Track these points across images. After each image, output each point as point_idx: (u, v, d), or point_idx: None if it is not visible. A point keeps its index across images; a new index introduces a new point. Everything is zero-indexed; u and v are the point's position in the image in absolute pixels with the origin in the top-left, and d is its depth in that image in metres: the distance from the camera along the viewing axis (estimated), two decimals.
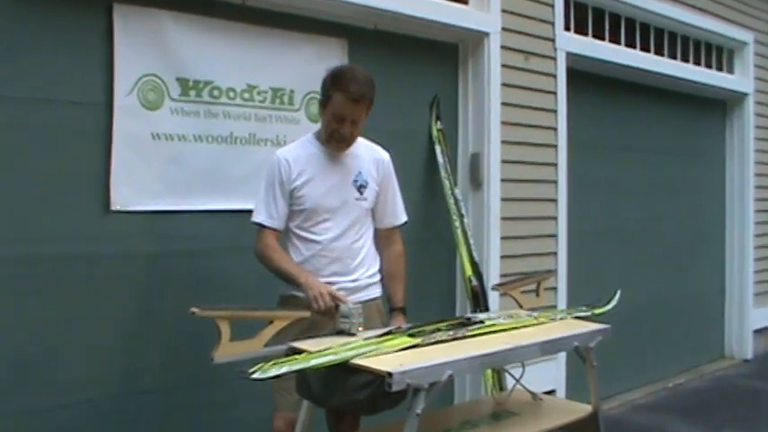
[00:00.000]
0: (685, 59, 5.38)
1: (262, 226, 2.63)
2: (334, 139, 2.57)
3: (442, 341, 2.38)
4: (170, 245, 3.01)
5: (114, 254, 2.87)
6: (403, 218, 2.79)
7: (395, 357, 2.18)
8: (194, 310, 2.16)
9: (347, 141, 2.59)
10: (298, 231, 2.63)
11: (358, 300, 2.56)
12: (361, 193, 2.64)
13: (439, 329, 2.44)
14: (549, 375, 4.24)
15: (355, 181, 2.64)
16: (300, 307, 2.48)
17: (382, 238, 2.76)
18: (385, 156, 2.74)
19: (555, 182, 4.40)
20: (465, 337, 2.45)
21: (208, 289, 3.04)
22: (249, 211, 3.01)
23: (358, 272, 2.64)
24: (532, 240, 4.25)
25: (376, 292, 2.71)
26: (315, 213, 2.60)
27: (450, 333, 2.43)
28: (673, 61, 5.23)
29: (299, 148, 2.66)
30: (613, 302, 3.02)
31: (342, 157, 2.63)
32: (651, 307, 5.23)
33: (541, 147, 4.32)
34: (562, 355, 4.30)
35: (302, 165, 2.60)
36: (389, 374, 1.98)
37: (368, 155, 2.69)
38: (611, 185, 4.98)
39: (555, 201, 4.40)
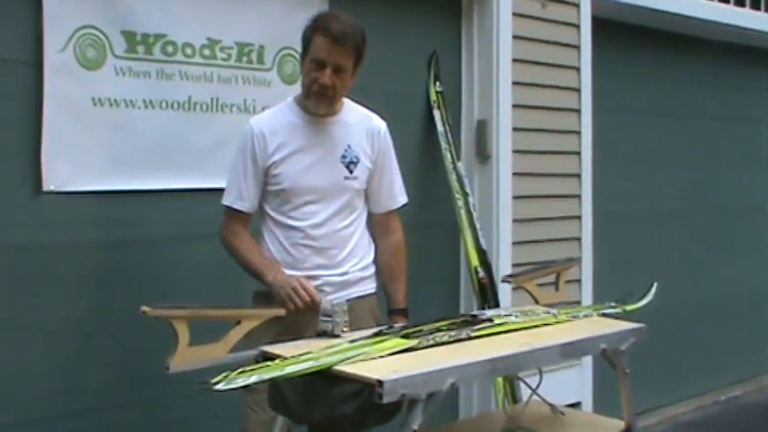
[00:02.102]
0: (735, 2, 5.33)
1: (228, 209, 2.63)
2: (314, 93, 2.55)
3: (442, 343, 2.38)
4: (117, 232, 3.00)
5: (47, 244, 2.86)
6: (401, 199, 2.79)
7: (386, 363, 2.18)
8: (145, 309, 2.15)
9: (330, 96, 2.57)
10: (275, 216, 2.62)
11: (349, 297, 2.57)
12: (351, 172, 2.63)
13: (439, 329, 2.45)
14: (572, 385, 4.27)
15: (344, 157, 2.63)
16: (278, 304, 2.49)
17: (377, 225, 2.76)
18: (381, 125, 2.73)
19: (577, 153, 4.41)
20: (470, 339, 2.46)
21: (164, 285, 3.04)
22: (213, 191, 3.01)
23: (347, 264, 2.64)
24: (551, 223, 4.26)
25: (369, 287, 2.72)
26: (294, 195, 2.59)
27: (453, 334, 2.44)
28: (719, 4, 5.18)
29: (276, 117, 2.65)
30: (649, 297, 3.03)
31: (327, 126, 2.62)
32: (697, 303, 5.26)
33: (561, 111, 4.32)
34: (588, 361, 4.33)
35: (281, 137, 2.59)
36: (380, 383, 1.98)
37: (360, 124, 2.68)
38: (645, 157, 5.00)
39: (578, 176, 4.42)
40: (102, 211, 2.97)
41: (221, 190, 2.71)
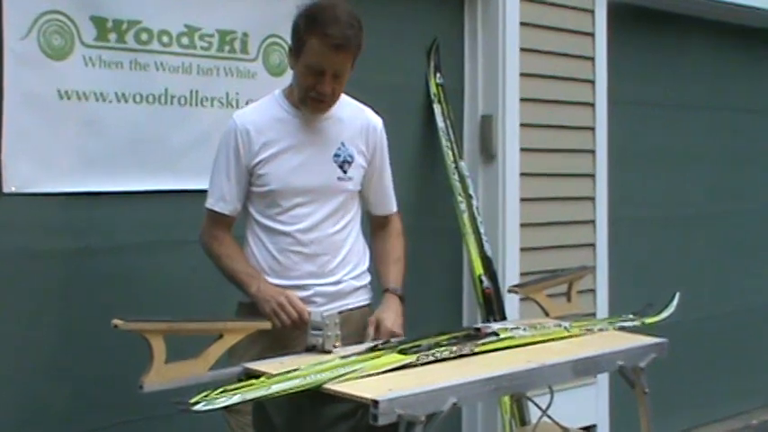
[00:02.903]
0: None
1: (209, 211, 2.64)
2: (311, 99, 2.56)
3: (443, 359, 2.39)
4: (85, 239, 3.01)
5: (6, 251, 2.86)
6: (395, 205, 2.82)
7: (382, 381, 2.19)
8: (117, 322, 2.16)
9: (328, 102, 2.59)
10: (261, 219, 2.63)
11: (342, 308, 2.58)
12: (345, 171, 2.64)
13: (440, 344, 2.46)
14: (586, 406, 4.29)
15: (337, 155, 2.64)
16: (264, 317, 2.50)
17: (374, 226, 2.79)
18: (377, 121, 2.74)
19: (592, 152, 4.43)
20: (474, 354, 2.47)
21: (138, 296, 3.05)
22: (191, 193, 3.02)
23: (340, 272, 2.65)
24: (562, 228, 4.28)
25: (363, 298, 2.72)
26: (282, 197, 2.60)
27: (455, 349, 2.45)
28: None
29: (262, 111, 2.65)
30: (670, 309, 3.05)
31: (319, 122, 2.63)
32: (724, 316, 5.25)
33: (574, 105, 4.34)
34: (604, 380, 4.35)
35: (267, 133, 2.60)
36: (375, 403, 1.99)
37: (354, 119, 2.69)
38: (666, 156, 5.01)
39: (592, 176, 4.44)
40: (69, 215, 2.98)
41: (201, 192, 2.72)
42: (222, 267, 2.61)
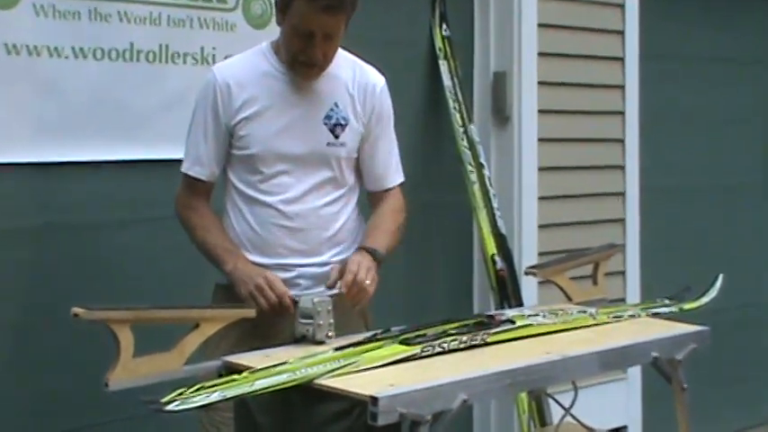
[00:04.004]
0: None
1: (184, 176, 2.65)
2: (300, 64, 2.57)
3: (452, 351, 2.40)
4: (41, 216, 3.01)
5: None
6: (397, 178, 2.80)
7: (382, 375, 2.19)
8: (78, 311, 2.15)
9: (320, 66, 2.59)
10: (241, 187, 2.64)
11: (330, 293, 2.56)
12: (336, 136, 2.64)
13: (447, 333, 2.46)
14: (616, 404, 4.30)
15: (328, 117, 2.64)
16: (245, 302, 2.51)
17: (373, 204, 2.78)
18: (378, 80, 2.73)
19: (621, 113, 4.42)
20: (486, 345, 2.47)
21: (104, 281, 3.05)
22: (162, 163, 3.01)
23: (329, 252, 2.65)
24: (587, 201, 4.28)
25: None
26: (264, 163, 2.60)
27: (465, 339, 2.45)
28: None
29: (245, 65, 2.66)
30: (712, 293, 3.05)
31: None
32: None
33: (600, 61, 4.33)
34: (635, 374, 4.36)
35: (250, 89, 2.60)
36: (373, 400, 1.99)
37: (351, 78, 2.68)
38: (708, 117, 4.99)
39: (620, 142, 4.43)
40: (22, 190, 2.98)
41: (174, 162, 2.72)
42: (197, 241, 2.63)
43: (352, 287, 2.48)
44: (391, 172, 2.77)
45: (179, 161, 2.69)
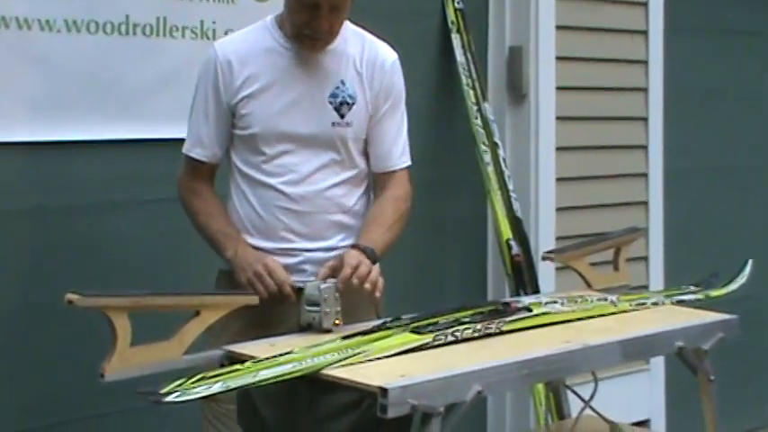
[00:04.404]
0: None
1: (186, 158, 2.67)
2: (305, 37, 2.57)
3: (465, 339, 2.40)
4: (34, 198, 3.01)
5: None
6: (404, 160, 2.78)
7: (392, 365, 2.19)
8: (72, 297, 2.16)
9: (325, 39, 2.59)
10: (244, 169, 2.64)
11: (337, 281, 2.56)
12: (342, 116, 2.64)
13: (460, 321, 2.46)
14: (638, 396, 4.31)
15: (334, 96, 2.64)
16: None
17: (377, 188, 2.77)
18: (388, 56, 2.73)
19: (644, 90, 4.41)
20: (501, 334, 2.48)
21: (98, 266, 3.05)
22: (160, 142, 3.01)
23: (336, 236, 2.66)
24: (607, 183, 4.27)
25: None
26: (266, 143, 2.61)
27: (479, 327, 2.45)
28: None
29: (248, 40, 2.66)
30: (741, 280, 3.04)
31: (316, 55, 2.63)
32: None
33: (621, 34, 4.31)
34: (659, 365, 4.36)
35: (252, 66, 2.61)
36: (383, 391, 1.99)
37: (360, 54, 2.68)
38: (737, 95, 4.96)
39: (643, 120, 4.42)
40: (12, 171, 2.97)
41: (171, 141, 2.72)
42: (198, 226, 2.64)
43: (348, 281, 2.46)
44: (397, 154, 2.75)
45: (178, 141, 2.69)
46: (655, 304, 2.88)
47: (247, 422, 2.39)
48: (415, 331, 2.37)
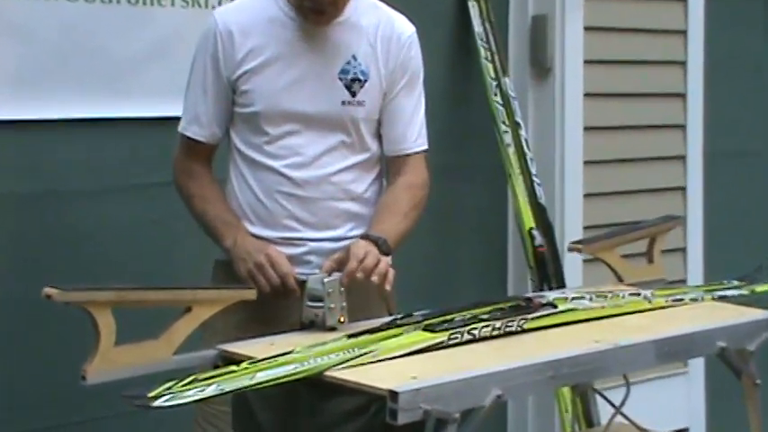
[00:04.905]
0: None
1: (182, 138, 2.68)
2: (307, 9, 2.58)
3: (483, 338, 2.40)
4: (8, 182, 3.01)
5: None
6: (420, 142, 2.78)
7: (402, 366, 2.19)
8: (50, 291, 2.15)
9: (330, 12, 2.59)
10: (245, 150, 2.65)
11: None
12: (353, 94, 2.64)
13: (478, 319, 2.46)
14: (675, 402, 4.31)
15: (344, 71, 2.64)
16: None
17: (390, 172, 2.78)
18: (405, 29, 2.73)
19: (682, 63, 4.41)
20: (523, 332, 2.48)
21: (80, 258, 3.06)
22: (149, 121, 3.02)
23: (344, 225, 2.67)
24: (641, 166, 4.27)
25: None
26: (269, 122, 2.62)
27: (499, 325, 2.45)
28: None
29: (252, 9, 2.67)
30: None
31: (325, 27, 2.63)
32: None
33: (657, 0, 4.29)
34: (698, 367, 4.36)
35: (255, 38, 2.61)
36: (393, 395, 1.99)
37: (374, 27, 2.68)
38: None
39: (681, 96, 4.41)
40: None
41: (162, 120, 2.73)
42: (194, 212, 2.66)
43: (353, 276, 2.45)
44: (412, 136, 2.75)
45: (170, 120, 2.70)
46: (694, 300, 2.88)
47: (243, 428, 2.40)
48: (429, 329, 2.37)
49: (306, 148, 2.62)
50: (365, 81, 2.65)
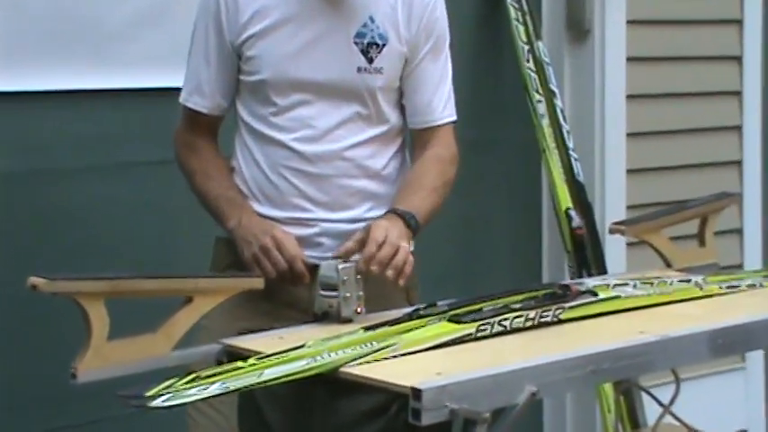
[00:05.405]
0: None
1: (184, 109, 2.69)
2: None
3: (516, 330, 2.40)
4: None
5: None
6: (447, 113, 2.79)
7: (426, 361, 2.20)
8: (36, 281, 2.15)
9: None
10: (252, 122, 2.67)
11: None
12: (371, 60, 2.65)
13: (510, 308, 2.46)
14: (731, 401, 4.31)
15: (360, 35, 2.64)
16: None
17: (415, 146, 2.79)
18: None
19: (737, 22, 4.39)
20: (560, 322, 2.48)
21: (70, 243, 3.08)
22: (143, 93, 3.03)
23: (361, 206, 2.68)
24: (691, 138, 4.26)
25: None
26: (278, 91, 2.62)
27: (532, 315, 2.45)
28: None
29: None
30: None
31: None
32: None
33: None
34: (758, 363, 4.37)
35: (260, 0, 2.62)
36: (416, 392, 1.99)
37: None
38: None
39: (737, 59, 4.40)
40: None
41: (157, 91, 2.73)
42: (196, 190, 2.67)
43: (371, 262, 2.46)
44: (439, 106, 2.76)
45: (167, 90, 2.69)
46: (751, 287, 2.87)
47: (250, 430, 2.41)
48: (455, 320, 2.36)
49: (317, 120, 2.63)
50: (383, 45, 2.65)
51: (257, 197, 2.65)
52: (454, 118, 2.79)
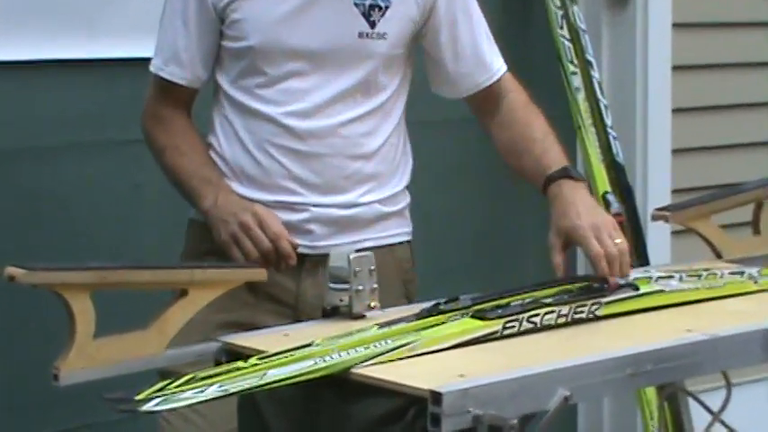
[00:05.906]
0: None
1: (155, 78, 2.69)
2: None
3: (547, 327, 2.41)
4: None
5: None
6: (497, 64, 2.83)
7: (447, 362, 2.20)
8: (14, 271, 2.14)
9: None
10: (234, 94, 2.67)
11: (359, 245, 2.60)
12: (373, 24, 2.65)
13: (540, 303, 2.46)
14: None
15: None
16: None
17: (479, 113, 2.84)
18: None
19: None
20: (597, 319, 2.49)
21: (50, 230, 3.10)
22: (127, 63, 3.04)
23: (358, 188, 2.69)
24: (743, 114, 4.27)
25: (397, 231, 2.77)
26: (268, 60, 2.63)
27: (565, 311, 2.46)
28: None
29: None
30: None
31: None
32: None
33: None
34: None
35: None
36: (435, 396, 1.99)
37: None
38: None
39: None
40: None
41: (137, 61, 2.73)
42: (167, 168, 2.67)
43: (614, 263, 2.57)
44: (488, 59, 2.81)
45: (146, 60, 2.68)
46: None
47: None
48: (479, 316, 2.37)
49: (311, 94, 2.64)
50: (386, 7, 2.65)
51: (239, 177, 2.65)
52: (504, 66, 2.85)
